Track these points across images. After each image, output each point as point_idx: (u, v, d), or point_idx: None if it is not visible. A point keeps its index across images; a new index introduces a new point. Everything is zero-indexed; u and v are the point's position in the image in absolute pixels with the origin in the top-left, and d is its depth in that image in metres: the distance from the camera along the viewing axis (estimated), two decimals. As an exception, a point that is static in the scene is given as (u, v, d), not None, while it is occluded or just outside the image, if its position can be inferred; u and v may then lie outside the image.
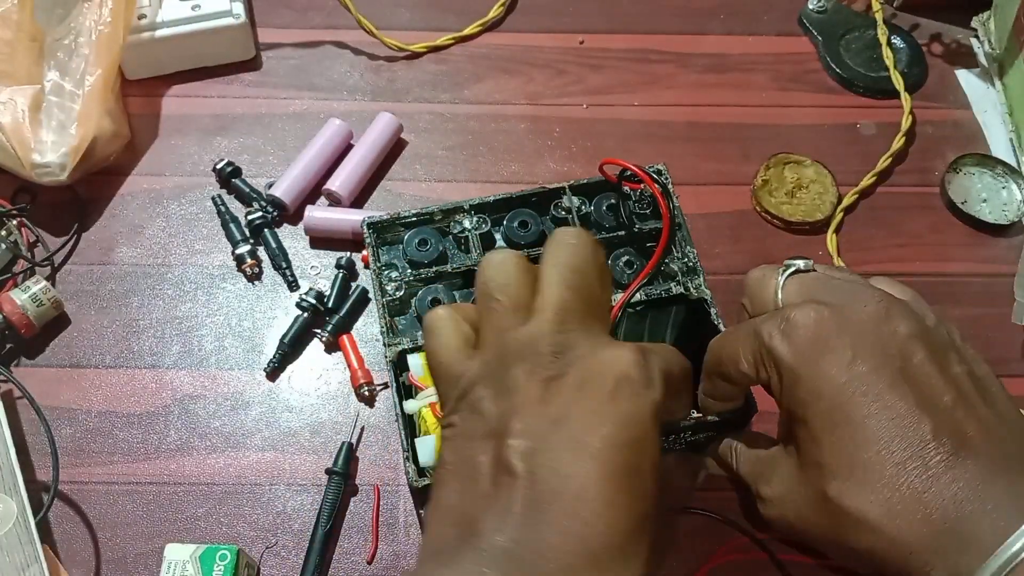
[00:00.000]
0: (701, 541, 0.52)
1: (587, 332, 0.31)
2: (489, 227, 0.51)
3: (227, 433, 0.55)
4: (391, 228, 0.51)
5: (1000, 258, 0.63)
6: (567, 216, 0.51)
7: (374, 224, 0.50)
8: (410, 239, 0.50)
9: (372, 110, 0.66)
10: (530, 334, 0.30)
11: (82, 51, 0.61)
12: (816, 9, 0.73)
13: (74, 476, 0.53)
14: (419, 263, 0.50)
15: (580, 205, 0.51)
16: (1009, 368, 0.58)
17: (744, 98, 0.70)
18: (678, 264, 0.50)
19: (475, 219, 0.51)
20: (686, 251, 0.50)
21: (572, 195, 0.51)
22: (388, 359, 0.47)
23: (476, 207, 0.51)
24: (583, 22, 0.73)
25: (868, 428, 0.32)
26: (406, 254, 0.50)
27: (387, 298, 0.49)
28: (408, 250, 0.50)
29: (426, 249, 0.50)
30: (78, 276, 0.60)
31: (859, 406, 0.32)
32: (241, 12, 0.67)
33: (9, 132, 0.58)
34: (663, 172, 0.51)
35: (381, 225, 0.50)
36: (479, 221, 0.51)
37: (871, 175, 0.65)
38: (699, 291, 0.49)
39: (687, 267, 0.50)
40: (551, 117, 0.68)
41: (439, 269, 0.50)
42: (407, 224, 0.51)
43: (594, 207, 0.51)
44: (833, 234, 0.63)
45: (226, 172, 0.63)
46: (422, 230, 0.50)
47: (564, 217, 0.51)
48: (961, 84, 0.71)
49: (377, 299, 0.49)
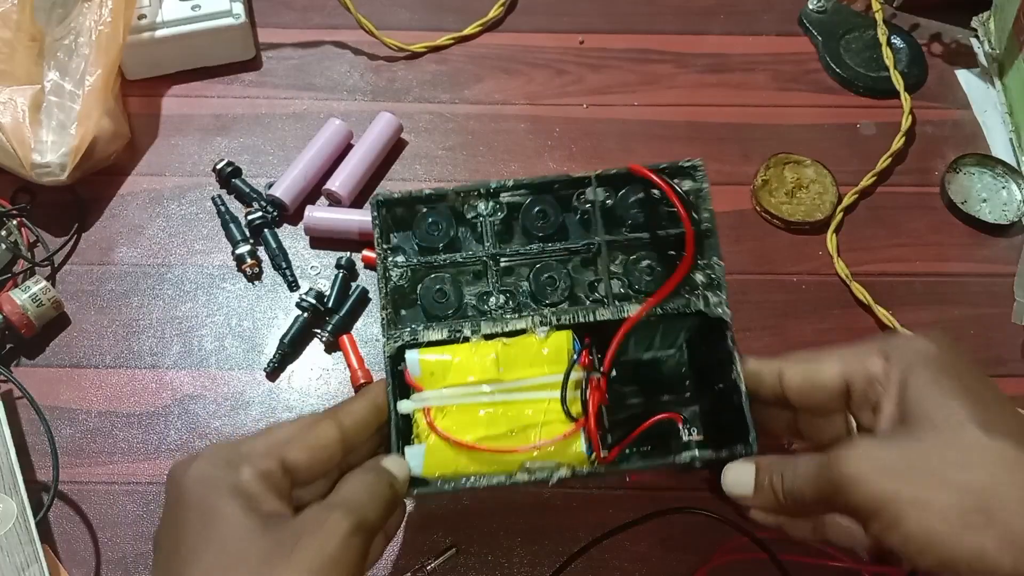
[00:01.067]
0: (701, 541, 0.52)
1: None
2: (506, 213, 0.46)
3: (227, 433, 0.55)
4: (401, 206, 0.46)
5: (1000, 258, 0.63)
6: (588, 208, 0.46)
7: (384, 202, 0.45)
8: (421, 219, 0.45)
9: (372, 110, 0.66)
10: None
11: (82, 51, 0.61)
12: (816, 9, 0.73)
13: (74, 476, 0.53)
14: (429, 248, 0.45)
15: (606, 198, 0.46)
16: (1009, 368, 0.58)
17: (744, 98, 0.70)
18: (701, 275, 0.44)
19: (490, 204, 0.46)
20: (712, 261, 0.44)
21: (598, 186, 0.46)
22: (386, 354, 0.43)
23: (495, 190, 0.46)
24: (583, 22, 0.73)
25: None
26: (415, 236, 0.46)
27: (391, 285, 0.45)
28: (418, 232, 0.45)
29: (437, 233, 0.45)
30: (78, 276, 0.60)
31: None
32: (241, 12, 0.67)
33: (9, 132, 0.58)
34: (698, 168, 0.45)
35: (391, 203, 0.45)
36: (495, 207, 0.46)
37: (871, 175, 0.65)
38: (719, 309, 0.43)
39: (710, 280, 0.44)
40: (551, 117, 0.68)
41: (450, 257, 0.45)
42: (420, 202, 0.46)
43: (619, 200, 0.46)
44: (833, 234, 0.63)
45: (226, 172, 0.64)
46: (435, 211, 0.46)
47: (586, 209, 0.46)
48: (961, 84, 0.71)
49: (380, 286, 0.45)
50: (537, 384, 0.42)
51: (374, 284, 0.60)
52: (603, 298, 0.44)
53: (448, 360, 0.43)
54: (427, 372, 0.42)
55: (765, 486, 0.39)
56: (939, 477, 0.33)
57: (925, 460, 0.33)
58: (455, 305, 0.45)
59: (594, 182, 0.46)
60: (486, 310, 0.44)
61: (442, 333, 0.44)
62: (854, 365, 0.38)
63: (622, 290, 0.45)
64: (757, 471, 0.39)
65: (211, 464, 0.36)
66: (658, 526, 0.52)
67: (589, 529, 0.52)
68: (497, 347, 0.43)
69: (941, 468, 0.33)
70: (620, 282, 0.45)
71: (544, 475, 0.41)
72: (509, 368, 0.42)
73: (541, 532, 0.52)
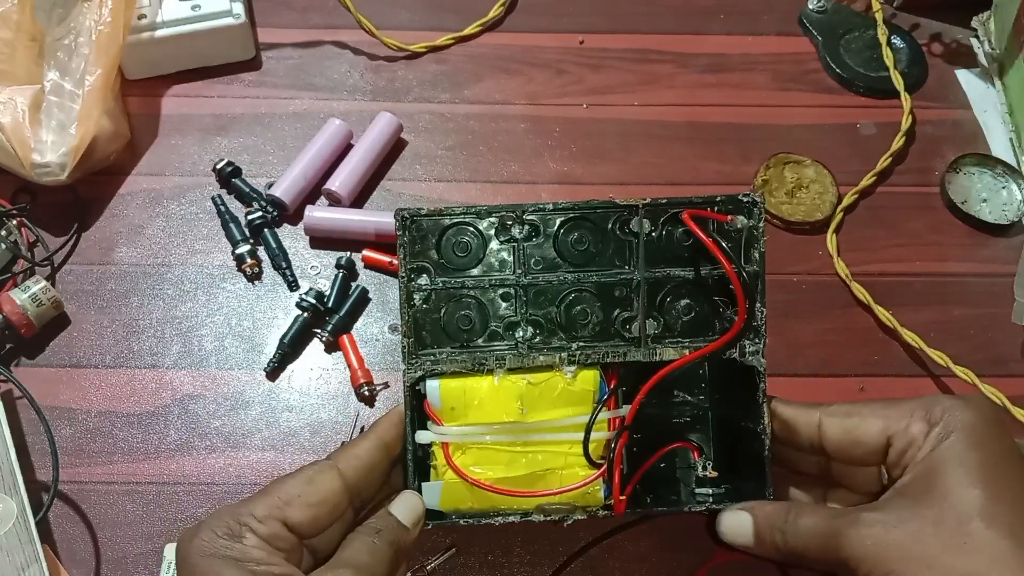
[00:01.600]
0: (701, 541, 0.52)
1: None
2: (540, 239, 0.43)
3: (227, 433, 0.55)
4: (428, 224, 0.43)
5: (1000, 258, 0.63)
6: (632, 240, 0.42)
7: (409, 217, 0.42)
8: (448, 239, 0.43)
9: (372, 110, 0.66)
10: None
11: (82, 51, 0.61)
12: (816, 9, 0.73)
13: (74, 476, 0.53)
14: (454, 268, 0.43)
15: (651, 231, 0.42)
16: (1009, 368, 0.58)
17: (744, 98, 0.70)
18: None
19: (525, 228, 0.43)
20: (756, 308, 0.41)
21: (644, 217, 0.42)
22: (405, 383, 0.42)
23: (533, 211, 0.42)
24: (583, 22, 0.73)
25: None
26: (441, 255, 0.43)
27: (414, 309, 0.42)
28: (444, 251, 0.43)
29: (465, 256, 0.43)
30: (78, 276, 0.60)
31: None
32: (241, 12, 0.67)
33: (9, 132, 0.58)
34: (757, 204, 0.41)
35: (418, 219, 0.42)
36: (529, 231, 0.43)
37: (871, 175, 0.65)
38: (753, 360, 0.41)
39: (749, 325, 0.41)
40: (551, 117, 0.68)
41: (476, 279, 0.42)
42: (446, 221, 0.43)
43: (662, 232, 0.42)
44: (833, 234, 0.63)
45: (226, 172, 0.63)
46: (463, 230, 0.43)
47: (628, 240, 0.42)
48: (961, 84, 0.71)
49: (402, 310, 0.42)
50: (560, 426, 0.41)
51: (374, 284, 0.60)
52: (636, 338, 0.42)
53: (471, 395, 0.42)
54: (448, 406, 0.42)
55: (766, 542, 0.40)
56: (941, 564, 0.34)
57: (928, 545, 0.35)
58: (480, 332, 0.42)
59: (641, 211, 0.42)
60: (512, 342, 0.42)
61: (465, 363, 0.42)
62: (897, 426, 0.38)
63: (656, 331, 0.42)
64: (756, 524, 0.40)
65: (214, 535, 0.36)
66: (658, 526, 0.52)
67: (589, 529, 0.52)
68: (521, 386, 0.41)
69: (942, 555, 0.34)
70: (655, 322, 0.42)
71: (559, 516, 0.41)
72: (532, 408, 0.41)
73: (541, 532, 0.52)
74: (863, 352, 0.59)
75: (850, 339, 0.59)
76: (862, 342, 0.59)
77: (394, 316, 0.59)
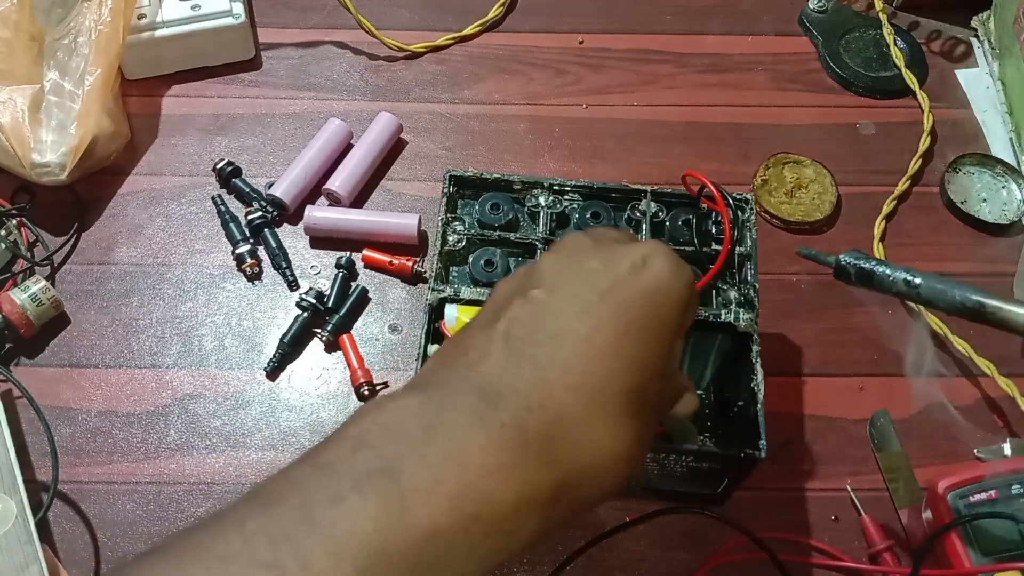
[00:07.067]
0: (701, 541, 0.52)
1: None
2: (563, 207, 0.52)
3: (227, 433, 0.55)
4: (470, 184, 0.53)
5: (1000, 258, 0.63)
6: (641, 219, 0.51)
7: (455, 176, 0.52)
8: (484, 200, 0.52)
9: (372, 110, 0.66)
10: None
11: (82, 51, 0.61)
12: (816, 9, 0.73)
13: (74, 476, 0.53)
14: (487, 224, 0.51)
15: (657, 211, 0.51)
16: (1009, 368, 0.58)
17: (743, 98, 0.70)
18: (736, 293, 0.50)
19: (551, 197, 0.52)
20: (748, 282, 0.49)
21: (651, 200, 0.52)
22: (429, 302, 0.48)
23: (556, 186, 0.52)
24: (583, 22, 0.73)
25: None
26: (478, 213, 0.52)
27: (446, 247, 0.50)
28: (480, 210, 0.52)
29: (497, 213, 0.52)
30: (78, 276, 0.60)
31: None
32: (241, 12, 0.67)
33: (9, 132, 0.58)
34: (748, 202, 0.51)
35: (462, 179, 0.52)
36: (554, 199, 0.52)
37: (905, 179, 0.65)
38: (748, 326, 0.48)
39: (744, 298, 0.49)
40: (551, 117, 0.68)
41: (503, 235, 0.51)
42: (486, 185, 0.52)
43: (670, 218, 0.52)
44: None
45: (226, 172, 0.63)
46: (498, 194, 0.52)
47: (638, 220, 0.51)
48: (961, 84, 0.71)
49: (435, 244, 0.50)
50: None
51: (374, 284, 0.60)
52: None
53: None
54: (461, 327, 0.44)
55: None
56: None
57: None
58: (500, 276, 0.49)
59: (648, 195, 0.52)
60: None
61: (483, 296, 0.48)
62: None
63: None
64: None
65: None
66: (658, 526, 0.52)
67: (588, 529, 0.52)
68: None
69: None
70: None
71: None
72: None
73: (541, 532, 0.52)
74: (863, 352, 0.59)
75: (850, 339, 0.59)
76: (862, 342, 0.59)
77: (394, 316, 0.59)
